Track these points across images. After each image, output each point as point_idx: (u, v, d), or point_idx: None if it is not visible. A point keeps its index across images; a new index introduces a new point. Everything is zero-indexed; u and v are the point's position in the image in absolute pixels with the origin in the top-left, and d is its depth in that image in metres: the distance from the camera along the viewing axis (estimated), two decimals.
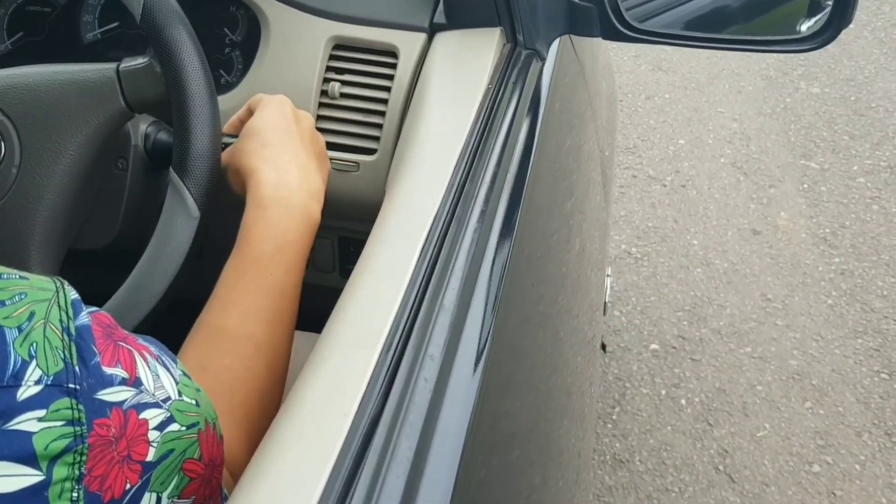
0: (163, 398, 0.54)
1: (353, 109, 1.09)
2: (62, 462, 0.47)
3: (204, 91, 0.84)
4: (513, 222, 0.83)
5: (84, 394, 0.49)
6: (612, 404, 2.30)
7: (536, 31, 1.11)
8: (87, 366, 0.50)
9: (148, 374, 0.54)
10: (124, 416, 0.51)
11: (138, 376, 0.53)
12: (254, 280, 0.79)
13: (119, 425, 0.50)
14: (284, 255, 0.81)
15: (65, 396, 0.48)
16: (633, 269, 2.76)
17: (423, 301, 0.65)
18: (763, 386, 2.35)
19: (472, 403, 0.59)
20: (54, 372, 0.48)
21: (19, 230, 0.84)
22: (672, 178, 3.21)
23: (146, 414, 0.52)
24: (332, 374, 0.59)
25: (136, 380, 0.53)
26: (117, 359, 0.52)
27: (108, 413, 0.50)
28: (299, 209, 0.84)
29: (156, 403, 0.53)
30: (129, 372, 0.53)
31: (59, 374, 0.48)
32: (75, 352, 0.50)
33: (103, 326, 0.54)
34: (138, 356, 0.54)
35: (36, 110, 0.86)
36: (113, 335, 0.54)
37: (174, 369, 0.58)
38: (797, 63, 3.92)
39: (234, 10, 1.17)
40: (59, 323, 0.50)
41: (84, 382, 0.49)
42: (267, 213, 0.82)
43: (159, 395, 0.54)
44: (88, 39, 1.20)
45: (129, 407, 0.51)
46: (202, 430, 0.56)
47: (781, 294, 2.64)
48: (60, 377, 0.48)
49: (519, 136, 0.94)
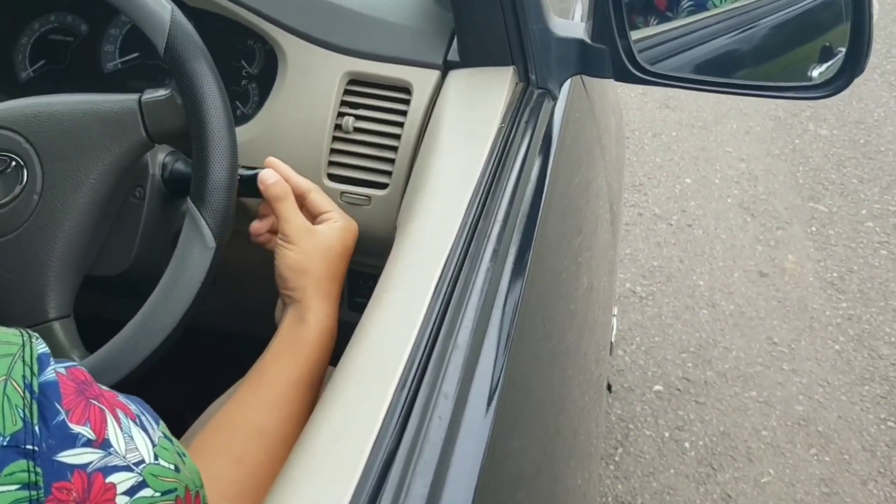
0: (135, 461, 0.52)
1: (366, 144, 1.10)
2: None
3: (223, 124, 0.85)
4: (525, 261, 0.83)
5: (42, 455, 0.47)
6: (614, 445, 2.29)
7: (549, 71, 1.12)
8: (49, 425, 0.48)
9: (119, 435, 0.52)
10: (88, 479, 0.49)
11: (107, 437, 0.51)
12: (301, 392, 0.86)
13: (81, 489, 0.48)
14: (317, 378, 0.89)
15: (21, 458, 0.46)
16: (637, 309, 2.76)
17: (438, 339, 0.65)
18: (768, 431, 2.34)
19: (484, 443, 0.59)
20: (11, 432, 0.46)
21: (38, 256, 0.85)
22: (678, 217, 3.22)
23: (114, 477, 0.50)
24: (348, 410, 0.59)
25: (104, 441, 0.50)
26: (87, 417, 0.50)
27: (69, 476, 0.48)
28: (332, 348, 0.92)
29: (126, 466, 0.51)
30: (97, 432, 0.50)
31: (16, 434, 0.46)
32: (36, 410, 0.48)
33: (77, 382, 0.52)
34: (110, 416, 0.52)
35: (59, 138, 0.87)
36: (86, 392, 0.52)
37: (153, 431, 0.55)
38: (806, 105, 3.93)
39: (252, 43, 1.19)
40: (21, 379, 0.48)
41: (43, 443, 0.47)
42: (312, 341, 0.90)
43: (131, 457, 0.51)
44: (109, 69, 1.22)
45: (94, 470, 0.49)
46: (180, 497, 0.54)
47: (788, 338, 2.64)
48: (18, 437, 0.46)
49: (531, 176, 0.95)
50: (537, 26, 1.10)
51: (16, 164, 0.87)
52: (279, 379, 0.86)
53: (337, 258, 0.95)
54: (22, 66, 1.23)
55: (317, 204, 0.99)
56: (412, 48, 1.12)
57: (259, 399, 0.84)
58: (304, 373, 0.87)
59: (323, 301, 0.92)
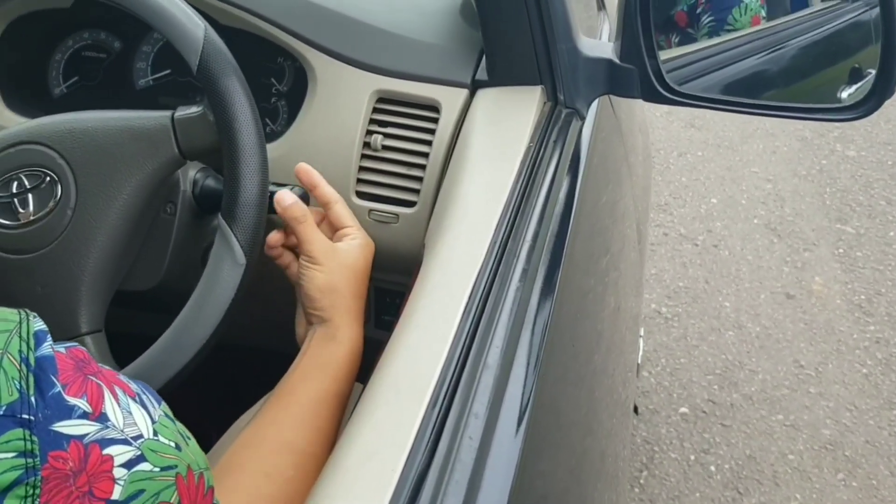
0: (133, 435, 0.52)
1: (394, 162, 1.10)
2: (13, 495, 0.46)
3: (255, 141, 0.86)
4: (554, 280, 0.83)
5: (39, 425, 0.48)
6: (639, 468, 2.28)
7: (577, 91, 1.12)
8: (45, 396, 0.49)
9: (117, 409, 0.52)
10: (85, 450, 0.49)
11: (104, 411, 0.51)
12: (329, 410, 0.87)
13: (78, 459, 0.49)
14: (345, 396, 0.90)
15: (17, 427, 0.47)
16: (662, 330, 2.74)
17: (468, 358, 0.65)
18: (795, 455, 2.31)
19: (514, 464, 0.59)
20: (8, 402, 0.47)
21: (71, 271, 0.85)
22: (704, 237, 3.20)
23: (111, 450, 0.51)
24: (380, 428, 0.59)
25: (100, 414, 0.51)
26: (84, 391, 0.51)
27: (65, 446, 0.49)
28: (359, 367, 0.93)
29: (124, 440, 0.52)
30: (94, 406, 0.51)
31: (12, 404, 0.47)
32: (32, 382, 0.49)
33: (76, 360, 0.53)
34: (108, 391, 0.53)
35: (92, 154, 0.88)
36: (84, 369, 0.53)
37: (154, 409, 0.56)
38: (833, 125, 3.91)
39: (282, 60, 1.20)
40: (17, 353, 0.50)
41: (40, 413, 0.48)
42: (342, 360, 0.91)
43: (129, 431, 0.52)
44: (141, 86, 1.23)
45: (90, 441, 0.50)
46: (181, 475, 0.54)
47: (815, 361, 2.61)
48: (14, 407, 0.47)
49: (560, 195, 0.95)
50: (566, 46, 1.10)
51: (50, 180, 0.88)
52: (309, 396, 0.86)
53: (361, 276, 0.96)
54: (55, 82, 1.25)
55: (340, 217, 1.00)
56: (441, 67, 1.12)
57: (288, 415, 0.85)
58: (333, 390, 0.88)
59: (352, 320, 0.93)
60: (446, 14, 1.21)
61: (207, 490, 0.57)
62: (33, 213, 0.87)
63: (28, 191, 0.88)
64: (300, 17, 1.15)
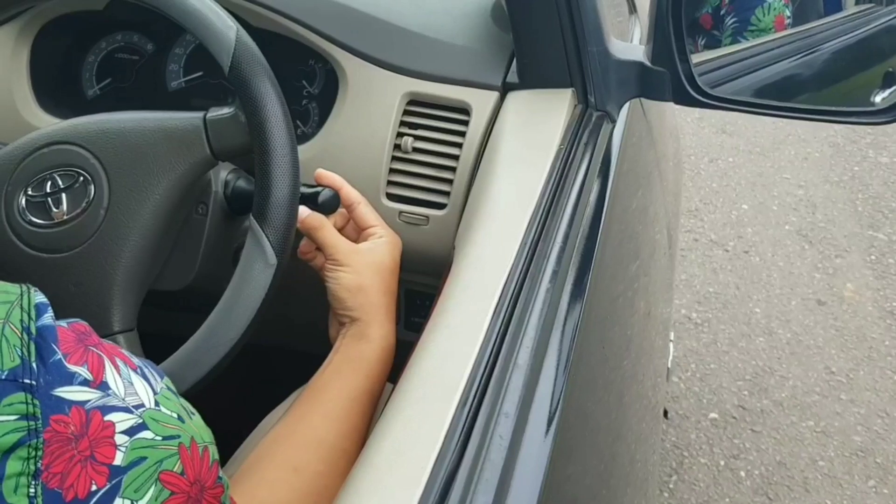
0: (134, 404, 0.53)
1: (424, 164, 1.10)
2: (15, 456, 0.47)
3: (286, 143, 0.86)
4: (584, 283, 0.83)
5: (41, 390, 0.49)
6: (669, 473, 2.26)
7: (608, 94, 1.12)
8: (46, 363, 0.50)
9: (118, 379, 0.53)
10: (86, 415, 0.50)
11: (104, 380, 0.52)
12: (361, 406, 0.87)
13: (79, 424, 0.50)
14: (377, 394, 0.90)
15: (19, 391, 0.48)
16: (693, 335, 2.73)
17: (498, 358, 0.65)
18: (825, 461, 2.29)
19: (544, 465, 0.59)
20: (10, 367, 0.48)
21: (104, 270, 0.86)
22: (734, 243, 3.18)
23: (113, 416, 0.51)
24: (411, 426, 0.59)
25: (101, 383, 0.52)
26: (84, 360, 0.52)
27: (67, 410, 0.49)
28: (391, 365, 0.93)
29: (125, 408, 0.52)
30: (95, 374, 0.52)
31: (14, 369, 0.48)
32: (34, 350, 0.50)
33: (77, 332, 0.54)
34: (108, 362, 0.54)
35: (125, 155, 0.89)
36: (85, 340, 0.54)
37: (156, 382, 0.57)
38: (865, 131, 3.87)
39: (313, 63, 1.20)
40: (18, 322, 0.51)
41: (41, 378, 0.49)
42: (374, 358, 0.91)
43: (130, 400, 0.53)
44: (173, 87, 1.24)
45: (92, 407, 0.51)
46: (184, 445, 0.55)
47: (846, 367, 2.59)
48: (16, 372, 0.48)
49: (590, 198, 0.95)
50: (596, 49, 1.10)
51: (83, 180, 0.89)
52: (340, 394, 0.87)
53: (389, 273, 0.97)
54: (89, 83, 1.26)
55: (364, 217, 1.00)
56: (471, 69, 1.13)
57: (319, 412, 0.85)
58: (364, 388, 0.88)
59: (383, 317, 0.93)
60: (477, 16, 1.21)
61: (213, 463, 0.58)
62: (67, 212, 0.88)
63: (61, 190, 0.89)
64: (331, 19, 1.15)
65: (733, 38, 1.29)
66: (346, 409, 0.86)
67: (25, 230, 0.88)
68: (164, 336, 0.88)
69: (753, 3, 1.27)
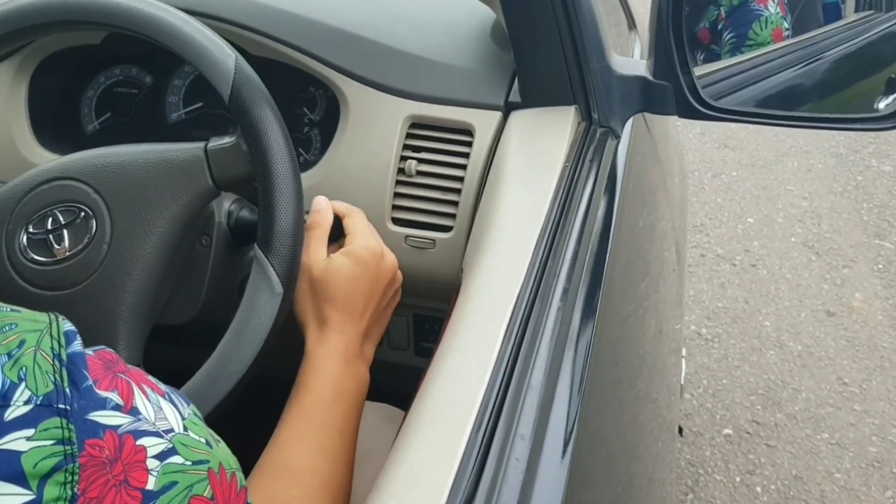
0: (164, 429, 0.53)
1: (429, 187, 1.10)
2: (53, 481, 0.47)
3: (289, 171, 0.85)
4: (595, 301, 0.82)
5: (75, 414, 0.49)
6: (684, 491, 2.24)
7: (611, 110, 1.11)
8: (79, 388, 0.50)
9: (147, 404, 0.54)
10: (119, 439, 0.50)
11: (135, 405, 0.53)
12: (317, 420, 0.84)
13: (114, 447, 0.50)
14: (343, 402, 0.87)
15: (55, 416, 0.48)
16: (703, 351, 2.71)
17: (511, 380, 0.64)
18: (841, 474, 2.27)
19: (562, 488, 0.58)
20: (44, 393, 0.48)
21: (108, 306, 0.85)
22: (741, 257, 3.17)
23: (144, 441, 0.52)
24: (425, 452, 0.58)
25: (132, 408, 0.52)
26: (114, 386, 0.52)
27: (101, 434, 0.49)
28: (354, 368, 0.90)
29: (156, 433, 0.53)
30: (125, 400, 0.52)
31: (48, 394, 0.48)
32: (66, 375, 0.50)
33: (104, 360, 0.54)
34: (137, 388, 0.54)
35: (127, 188, 0.88)
36: (113, 368, 0.54)
37: (184, 408, 0.57)
38: (868, 140, 3.87)
39: (313, 89, 1.20)
40: (49, 350, 0.51)
41: (75, 403, 0.49)
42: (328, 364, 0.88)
43: (160, 425, 0.53)
44: (173, 119, 1.24)
45: (125, 432, 0.51)
46: (213, 470, 0.55)
47: (858, 378, 2.57)
48: (50, 397, 0.48)
49: (597, 216, 0.94)
50: (598, 65, 1.09)
51: (85, 215, 0.88)
52: (290, 413, 0.85)
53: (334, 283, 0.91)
54: (88, 118, 1.25)
55: (348, 227, 0.97)
56: (473, 90, 1.12)
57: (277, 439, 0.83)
58: (309, 401, 0.86)
59: (315, 327, 0.91)
60: (477, 37, 1.21)
61: (241, 489, 0.58)
62: (69, 248, 0.87)
63: (63, 226, 0.88)
64: (330, 44, 1.15)
65: (732, 53, 1.28)
66: (297, 427, 0.83)
67: (27, 268, 0.87)
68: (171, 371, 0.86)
69: (750, 18, 1.27)
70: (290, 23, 1.16)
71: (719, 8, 1.28)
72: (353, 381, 0.89)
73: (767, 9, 1.26)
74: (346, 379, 0.88)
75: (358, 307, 0.93)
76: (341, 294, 0.91)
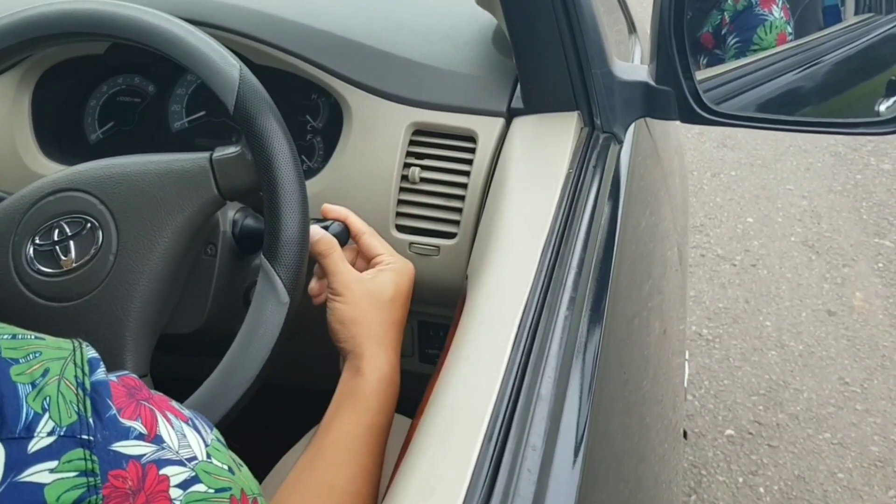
0: (187, 457, 0.53)
1: (433, 194, 1.10)
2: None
3: (294, 179, 0.85)
4: (602, 307, 0.82)
5: (98, 445, 0.49)
6: (687, 492, 2.24)
7: (614, 115, 1.11)
8: (102, 418, 0.50)
9: (171, 432, 0.54)
10: (142, 469, 0.50)
11: (159, 433, 0.53)
12: (366, 445, 0.85)
13: (136, 478, 0.50)
14: (383, 428, 0.88)
15: (78, 447, 0.48)
16: (704, 352, 2.71)
17: (521, 390, 0.64)
18: (844, 473, 2.27)
19: (574, 496, 0.58)
20: (67, 423, 0.48)
21: (115, 316, 0.85)
22: (741, 257, 3.17)
23: (167, 470, 0.52)
24: (436, 466, 0.58)
25: (155, 436, 0.52)
26: (138, 414, 0.52)
27: (125, 465, 0.50)
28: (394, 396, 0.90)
29: (179, 461, 0.53)
30: (149, 428, 0.52)
31: (72, 425, 0.49)
32: (90, 405, 0.50)
33: (128, 387, 0.54)
34: (160, 415, 0.54)
35: (132, 199, 0.88)
36: (136, 395, 0.54)
37: (207, 434, 0.57)
38: (866, 139, 3.87)
39: (316, 97, 1.20)
40: (73, 379, 0.51)
41: (98, 434, 0.49)
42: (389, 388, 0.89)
43: (184, 453, 0.53)
44: (176, 128, 1.24)
45: (148, 462, 0.51)
46: (235, 497, 0.55)
47: (860, 377, 2.57)
48: (74, 428, 0.49)
49: (602, 221, 0.94)
50: (600, 71, 1.09)
51: (91, 226, 0.88)
52: (341, 433, 0.85)
53: (388, 303, 0.93)
54: (91, 128, 1.26)
55: (369, 247, 0.98)
56: (476, 97, 1.12)
57: (324, 456, 0.83)
58: (366, 425, 0.86)
59: (377, 348, 0.90)
60: (479, 44, 1.21)
61: None
62: (75, 259, 0.87)
63: (69, 238, 0.88)
64: (333, 52, 1.15)
65: (736, 57, 1.28)
66: (350, 449, 0.84)
67: (34, 280, 0.87)
68: (178, 380, 0.87)
69: (755, 23, 1.27)
70: (293, 31, 1.16)
71: (723, 13, 1.28)
72: (391, 411, 0.89)
73: (772, 13, 1.26)
74: (395, 399, 0.89)
75: (401, 321, 0.94)
76: (388, 309, 0.93)
